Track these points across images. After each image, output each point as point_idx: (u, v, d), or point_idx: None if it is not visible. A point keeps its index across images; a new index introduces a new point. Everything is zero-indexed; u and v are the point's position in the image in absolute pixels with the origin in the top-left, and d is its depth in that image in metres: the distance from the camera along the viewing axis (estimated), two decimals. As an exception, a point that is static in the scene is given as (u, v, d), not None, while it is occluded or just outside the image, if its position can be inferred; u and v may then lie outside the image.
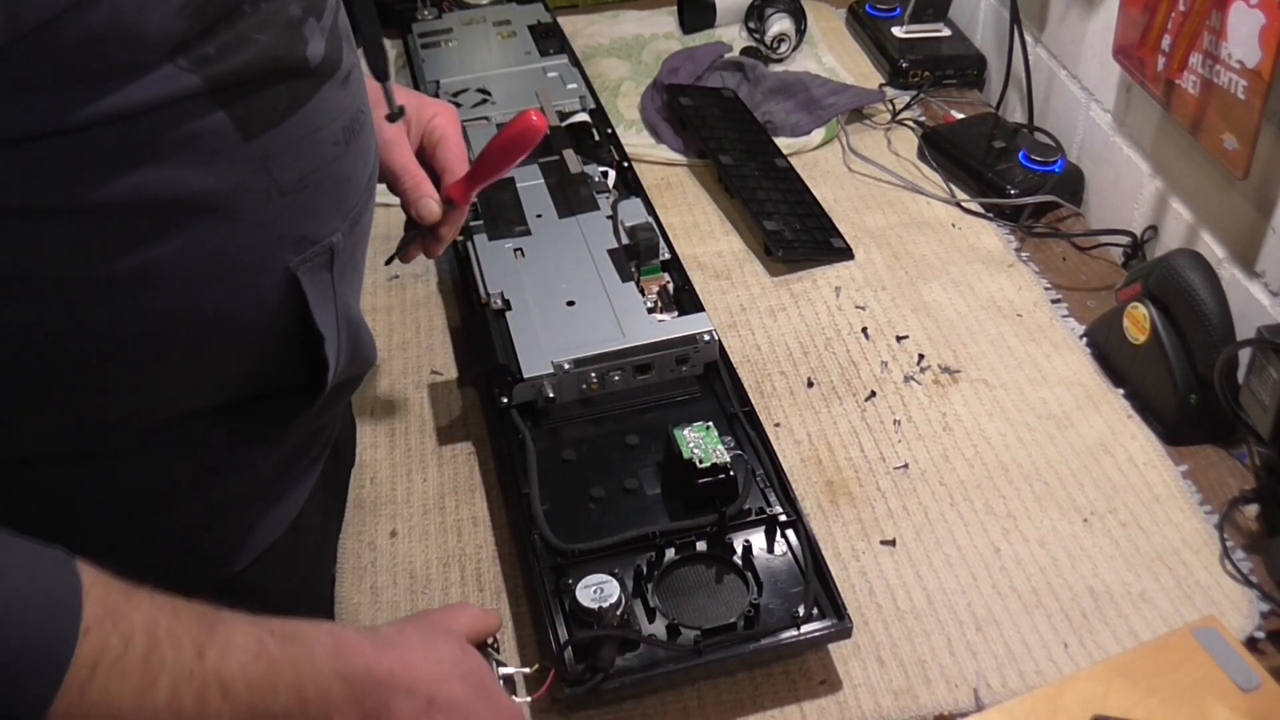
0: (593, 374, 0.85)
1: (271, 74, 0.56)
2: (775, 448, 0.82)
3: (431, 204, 0.80)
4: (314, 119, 0.60)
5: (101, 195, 0.51)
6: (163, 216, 0.54)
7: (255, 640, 0.54)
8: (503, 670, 0.67)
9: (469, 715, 0.61)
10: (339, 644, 0.58)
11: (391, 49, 1.38)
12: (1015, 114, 1.33)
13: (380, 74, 0.74)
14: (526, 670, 0.70)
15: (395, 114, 0.76)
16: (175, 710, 0.50)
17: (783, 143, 1.23)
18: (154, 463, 0.64)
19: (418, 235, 0.83)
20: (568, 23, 1.47)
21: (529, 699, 0.67)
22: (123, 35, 0.48)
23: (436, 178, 0.82)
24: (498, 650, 0.68)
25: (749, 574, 0.73)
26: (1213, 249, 0.97)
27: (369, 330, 0.73)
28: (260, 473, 0.70)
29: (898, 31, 1.39)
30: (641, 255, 0.96)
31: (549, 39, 1.32)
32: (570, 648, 0.68)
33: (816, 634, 0.70)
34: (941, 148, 1.20)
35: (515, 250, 0.96)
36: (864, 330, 0.99)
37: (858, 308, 1.02)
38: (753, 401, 0.87)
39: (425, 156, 0.83)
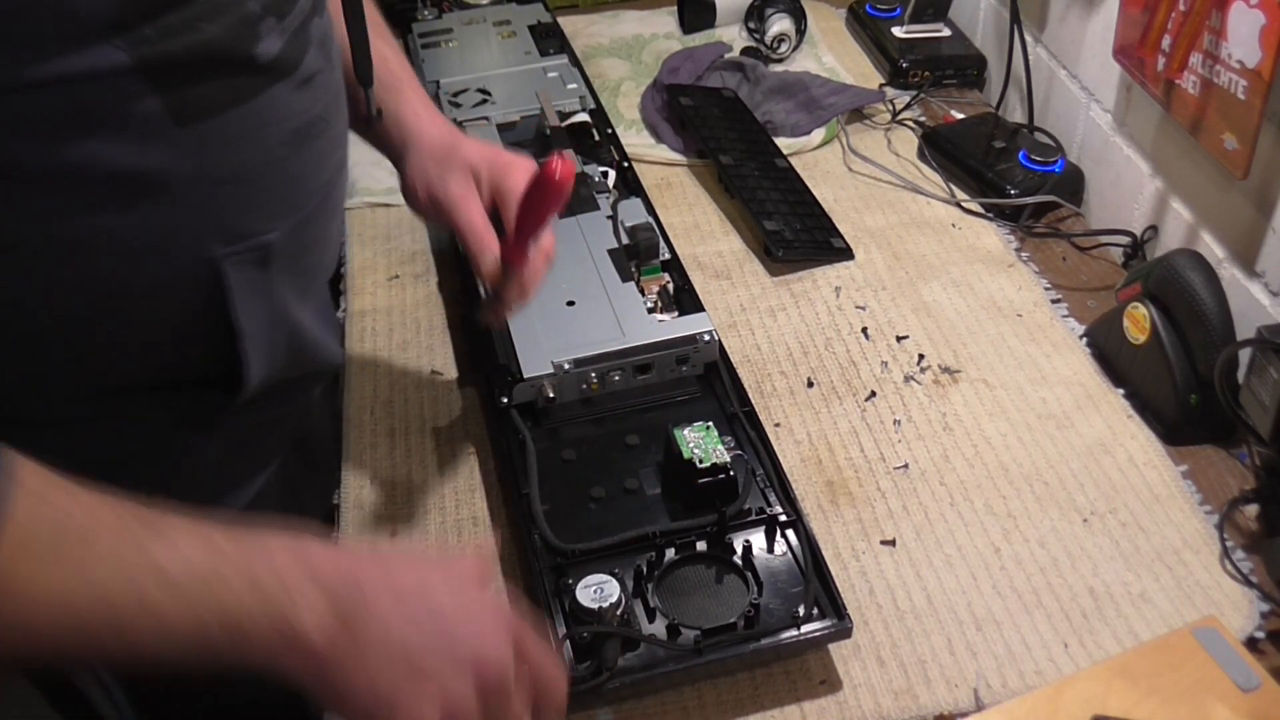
0: (593, 374, 0.85)
1: (213, 65, 0.56)
2: (775, 448, 0.82)
3: (489, 260, 0.75)
4: (259, 115, 0.60)
5: (37, 161, 0.52)
6: (90, 189, 0.54)
7: (202, 535, 0.52)
8: None
9: (459, 613, 0.57)
10: (301, 545, 0.55)
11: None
12: (1015, 114, 1.33)
13: (363, 79, 0.74)
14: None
15: (373, 116, 0.75)
16: (109, 602, 0.49)
17: (783, 143, 1.23)
18: (101, 435, 0.65)
19: (493, 298, 0.77)
20: (568, 23, 1.47)
21: None
22: (51, 6, 0.50)
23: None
24: None
25: (749, 574, 0.73)
26: (1213, 249, 0.97)
27: (324, 334, 0.73)
28: (204, 458, 0.70)
29: (898, 31, 1.39)
30: (641, 255, 0.96)
31: (549, 39, 1.32)
32: (571, 648, 0.68)
33: (816, 634, 0.70)
34: (941, 148, 1.20)
35: (515, 250, 0.96)
36: (864, 330, 0.99)
37: (858, 308, 1.02)
38: (753, 401, 0.87)
39: (498, 213, 0.78)
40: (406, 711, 0.55)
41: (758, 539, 0.75)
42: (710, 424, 0.79)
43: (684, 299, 0.94)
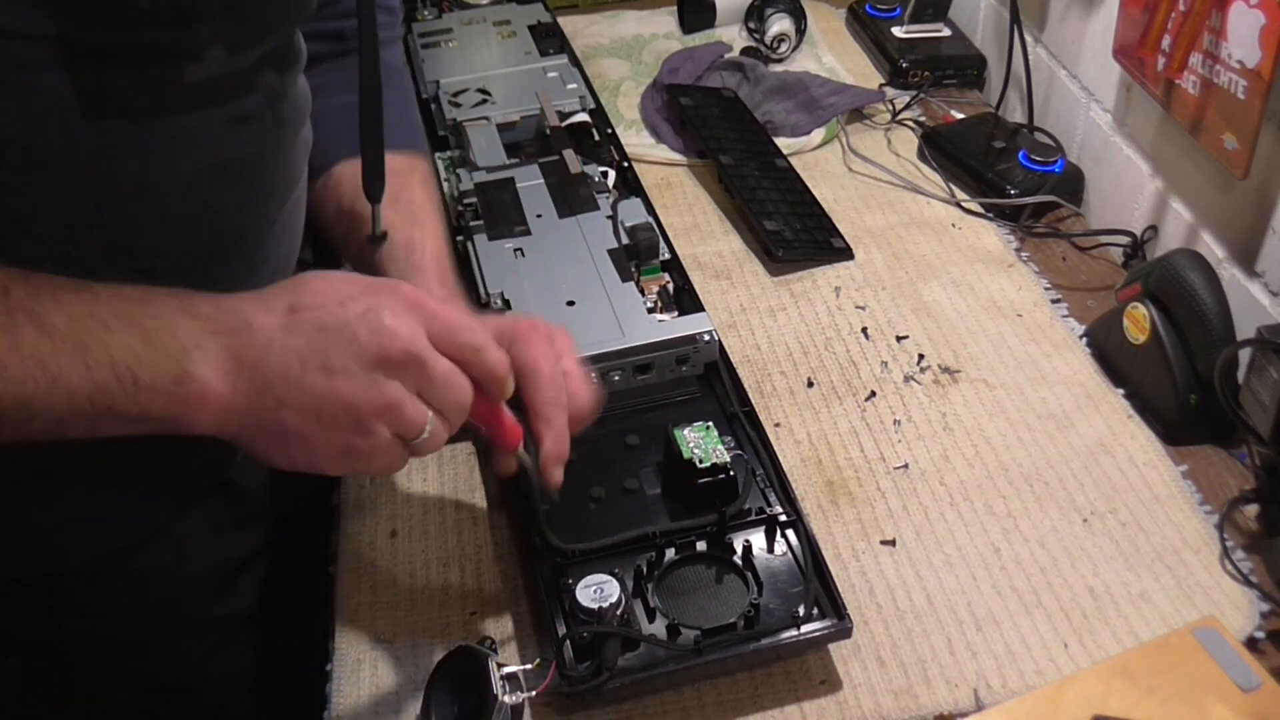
0: (593, 374, 0.85)
1: (139, 65, 0.54)
2: (775, 448, 0.82)
3: (510, 463, 0.69)
4: (173, 137, 0.57)
5: None
6: None
7: (73, 284, 0.51)
8: (504, 669, 0.67)
9: (348, 309, 0.55)
10: (185, 296, 0.53)
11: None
12: (1015, 114, 1.33)
13: (371, 195, 0.71)
14: (528, 667, 0.69)
15: (377, 238, 0.73)
16: None
17: (783, 143, 1.23)
18: None
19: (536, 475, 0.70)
20: (568, 23, 1.47)
21: (533, 694, 0.67)
22: None
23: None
24: (495, 651, 0.68)
25: (749, 574, 0.73)
26: (1213, 249, 0.97)
27: None
28: (71, 475, 0.68)
29: (898, 31, 1.39)
30: (641, 255, 0.96)
31: (549, 39, 1.32)
32: (571, 648, 0.68)
33: (817, 634, 0.70)
34: (941, 148, 1.20)
35: (515, 250, 0.96)
36: (864, 330, 0.99)
37: (858, 308, 1.02)
38: (752, 402, 0.87)
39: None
40: (329, 443, 0.54)
41: (757, 539, 0.75)
42: (710, 424, 0.79)
43: (684, 299, 0.94)
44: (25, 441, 0.52)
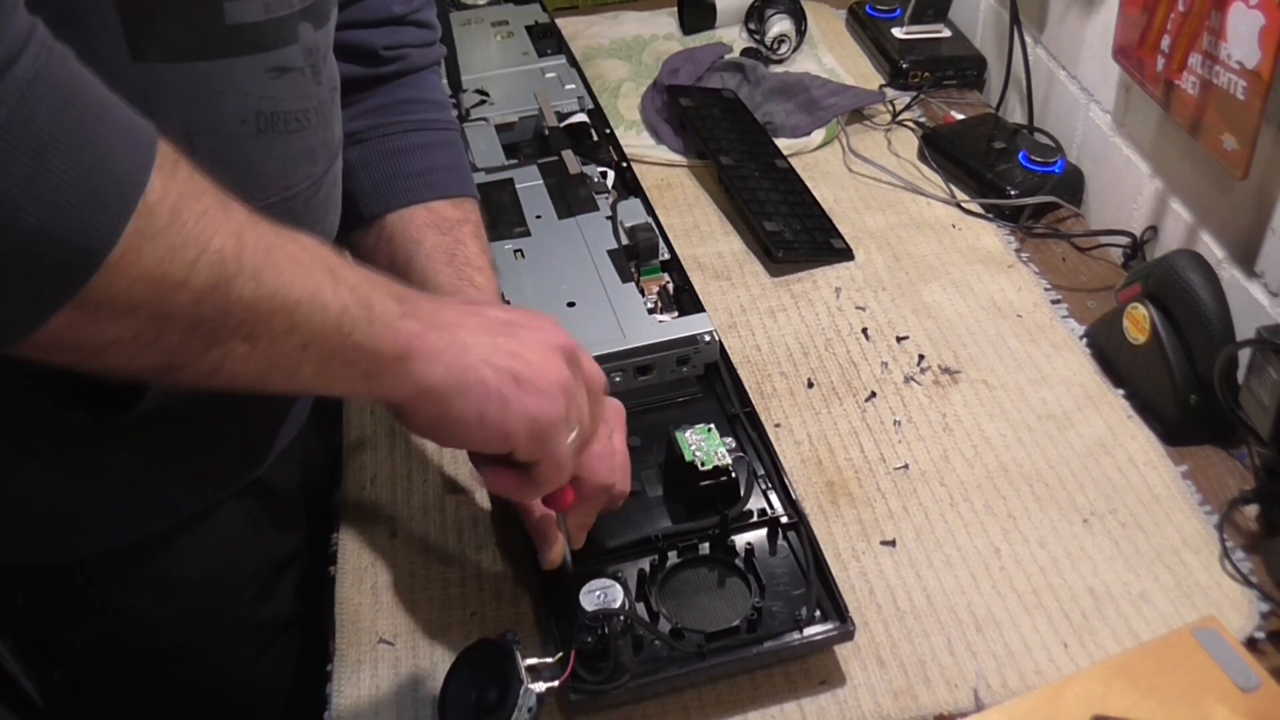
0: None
1: (181, 3, 0.55)
2: (775, 448, 0.82)
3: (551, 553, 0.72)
4: (218, 81, 0.58)
5: None
6: None
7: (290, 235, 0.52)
8: (527, 662, 0.66)
9: (514, 318, 0.62)
10: (359, 268, 0.56)
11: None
12: (1015, 114, 1.33)
13: None
14: (549, 660, 0.69)
15: None
16: (256, 229, 0.49)
17: (783, 143, 1.23)
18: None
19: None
20: (568, 24, 1.48)
21: (555, 683, 0.66)
22: None
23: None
24: (519, 642, 0.67)
25: (751, 577, 0.73)
26: (1213, 249, 0.97)
27: None
28: (111, 472, 0.68)
29: (898, 32, 1.39)
30: (641, 255, 0.96)
31: (547, 39, 1.32)
32: (576, 652, 0.68)
33: (819, 637, 0.70)
34: (941, 148, 1.20)
35: (515, 251, 0.96)
36: (864, 331, 0.99)
37: (858, 308, 1.02)
38: (753, 402, 0.87)
39: None
40: (522, 404, 0.58)
41: (759, 541, 0.75)
42: (711, 426, 0.79)
43: (684, 299, 0.94)
44: (248, 387, 0.52)
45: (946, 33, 1.39)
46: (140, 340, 0.47)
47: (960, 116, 1.28)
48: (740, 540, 0.75)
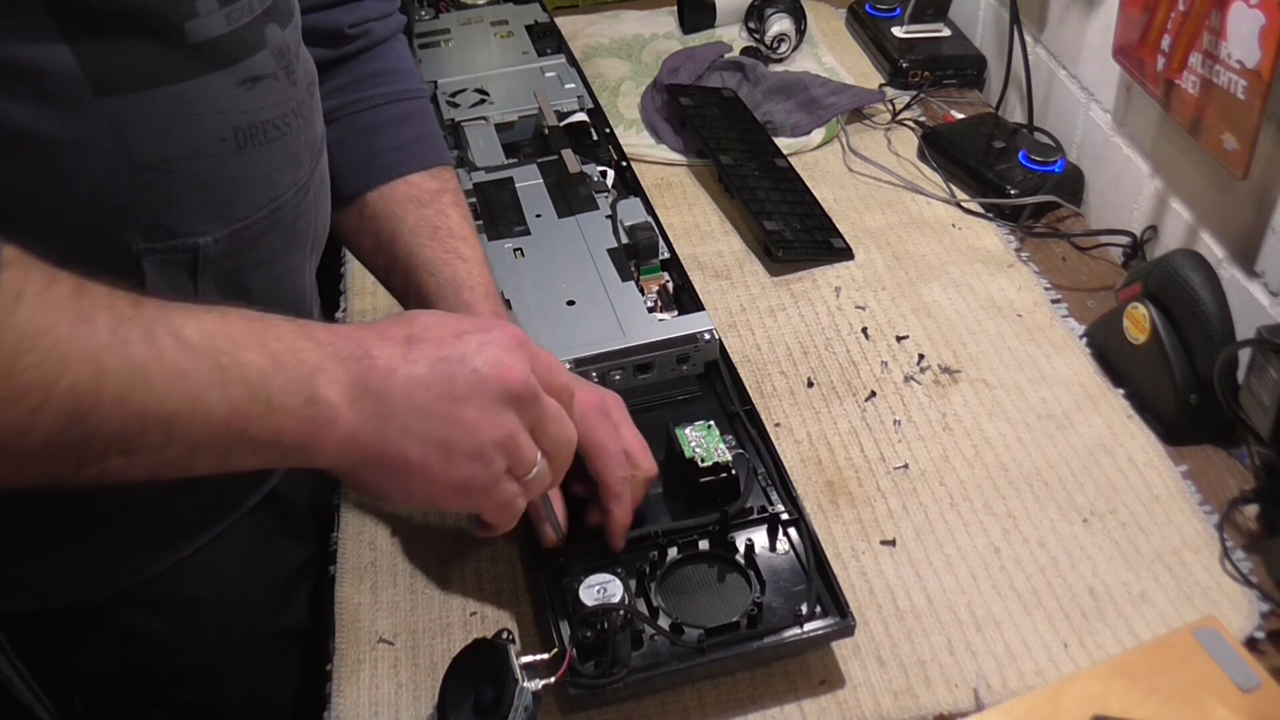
0: (593, 373, 0.85)
1: (139, 32, 0.53)
2: (775, 446, 0.82)
3: (546, 530, 0.72)
4: (190, 102, 0.57)
5: None
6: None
7: (208, 308, 0.50)
8: (522, 660, 0.66)
9: (463, 342, 0.58)
10: (304, 324, 0.54)
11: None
12: (1015, 114, 1.33)
13: None
14: (545, 656, 0.69)
15: None
16: (123, 347, 0.47)
17: (783, 143, 1.23)
18: None
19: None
20: (568, 23, 1.48)
21: (551, 680, 0.66)
22: None
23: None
24: (514, 642, 0.67)
25: (751, 573, 0.73)
26: (1213, 249, 0.97)
27: None
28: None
29: (898, 31, 1.39)
30: (641, 254, 0.96)
31: (546, 39, 1.32)
32: (576, 646, 0.68)
33: (819, 632, 0.70)
34: (941, 148, 1.20)
35: (515, 250, 0.96)
36: (864, 330, 0.99)
37: (858, 308, 1.02)
38: (753, 401, 0.87)
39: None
40: (449, 474, 0.56)
41: (759, 537, 0.75)
42: (711, 423, 0.79)
43: (684, 298, 0.94)
44: (144, 480, 0.51)
45: (946, 32, 1.40)
46: (3, 472, 0.46)
47: (960, 116, 1.28)
48: (740, 536, 0.75)
